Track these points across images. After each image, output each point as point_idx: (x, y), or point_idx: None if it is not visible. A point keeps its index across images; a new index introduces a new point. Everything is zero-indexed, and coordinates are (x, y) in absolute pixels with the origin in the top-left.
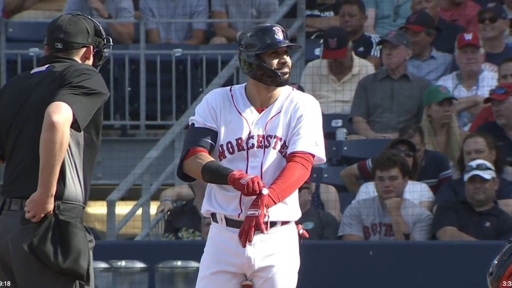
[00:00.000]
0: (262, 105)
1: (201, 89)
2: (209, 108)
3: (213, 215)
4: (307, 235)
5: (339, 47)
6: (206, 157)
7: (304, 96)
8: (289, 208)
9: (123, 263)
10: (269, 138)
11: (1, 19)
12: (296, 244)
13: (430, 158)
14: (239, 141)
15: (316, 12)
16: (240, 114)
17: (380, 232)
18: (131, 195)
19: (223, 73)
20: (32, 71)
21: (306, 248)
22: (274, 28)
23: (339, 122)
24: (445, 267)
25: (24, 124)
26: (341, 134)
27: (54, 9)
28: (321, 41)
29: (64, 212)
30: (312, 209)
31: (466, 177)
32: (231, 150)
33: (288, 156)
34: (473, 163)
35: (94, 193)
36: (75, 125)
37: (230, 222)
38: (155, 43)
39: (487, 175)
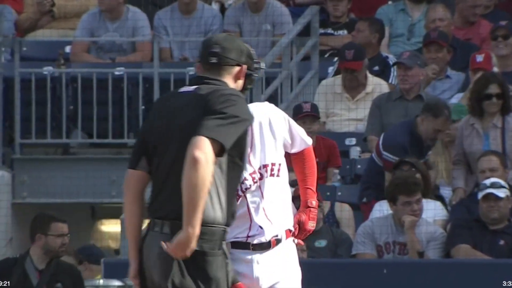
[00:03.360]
0: None
1: None
2: None
3: None
4: (302, 243)
5: (356, 59)
6: None
7: (255, 105)
8: (287, 220)
9: None
10: (262, 169)
11: (15, 38)
12: (296, 254)
13: None
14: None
15: (330, 31)
16: None
17: (394, 251)
18: (145, 213)
19: None
20: (181, 90)
21: (320, 266)
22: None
23: (353, 141)
24: (459, 285)
25: (168, 145)
26: (355, 152)
27: (68, 27)
28: (335, 59)
29: (201, 236)
30: (325, 227)
31: (480, 195)
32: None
33: (298, 154)
34: (487, 181)
35: (107, 211)
36: (218, 154)
37: (235, 245)
38: (169, 62)
39: (501, 193)
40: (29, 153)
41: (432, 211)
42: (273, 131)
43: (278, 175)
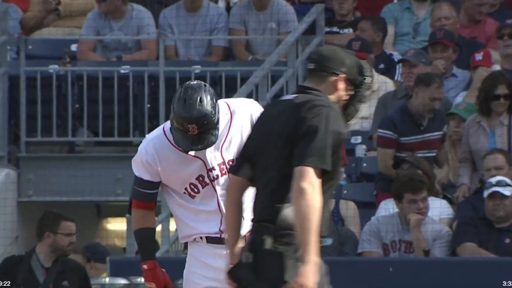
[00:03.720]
0: None
1: None
2: (142, 162)
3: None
4: None
5: (362, 50)
6: (143, 217)
7: (239, 101)
8: None
9: (142, 279)
10: (230, 163)
11: (21, 36)
12: None
13: None
14: (200, 178)
15: (335, 29)
16: (186, 152)
17: (399, 249)
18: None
19: (242, 90)
20: (282, 98)
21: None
22: (190, 128)
23: (359, 139)
24: (465, 283)
25: (263, 152)
26: (360, 150)
27: (73, 26)
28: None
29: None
30: (331, 225)
31: (486, 193)
32: (195, 190)
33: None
34: (493, 180)
35: (113, 209)
36: (321, 176)
37: (210, 239)
38: (174, 60)
39: (507, 191)
40: (35, 151)
41: (438, 209)
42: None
43: None
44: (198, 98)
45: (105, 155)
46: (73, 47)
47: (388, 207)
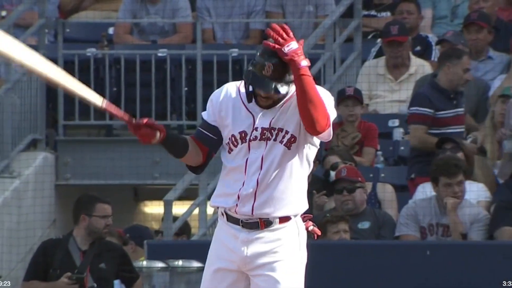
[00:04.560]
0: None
1: None
2: (212, 104)
3: (217, 209)
4: (318, 232)
5: (400, 34)
6: (191, 143)
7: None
8: (288, 204)
9: (180, 262)
10: (272, 131)
11: (58, 20)
12: (300, 240)
13: None
14: (243, 134)
15: (373, 12)
16: (246, 107)
17: (437, 232)
18: (188, 194)
19: None
20: None
21: (363, 248)
22: (265, 67)
23: (396, 122)
24: (502, 267)
25: None
26: (398, 134)
27: (110, 9)
28: (378, 40)
29: None
30: (369, 208)
31: None
32: (235, 143)
33: None
34: None
35: (151, 192)
36: None
37: (229, 218)
38: (211, 43)
39: None
40: (72, 134)
41: (476, 193)
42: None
43: (290, 149)
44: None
45: None
46: (110, 31)
47: (425, 190)
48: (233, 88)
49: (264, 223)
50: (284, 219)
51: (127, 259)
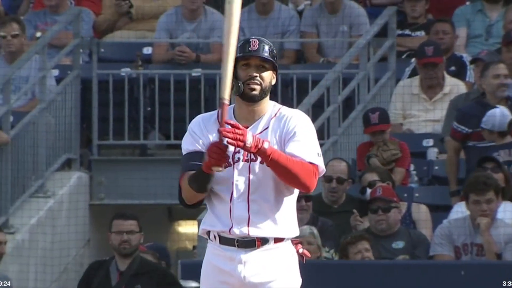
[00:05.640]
0: (246, 121)
1: None
2: (190, 133)
3: (208, 233)
4: (308, 254)
5: (435, 55)
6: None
7: (293, 111)
8: (281, 225)
9: None
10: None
11: (93, 40)
12: (293, 262)
13: None
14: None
15: (407, 32)
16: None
17: (471, 252)
18: None
19: (314, 92)
20: None
21: (397, 268)
22: (251, 40)
23: (430, 142)
24: None
25: None
26: (432, 153)
27: (145, 29)
28: (412, 60)
29: None
30: (403, 228)
31: None
32: None
33: None
34: None
35: (185, 212)
36: None
37: (222, 240)
38: None
39: None
40: (107, 154)
41: (511, 213)
42: (286, 135)
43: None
44: None
45: (176, 158)
46: (145, 50)
47: (461, 210)
48: (209, 115)
49: (260, 241)
50: (278, 240)
51: (171, 280)
